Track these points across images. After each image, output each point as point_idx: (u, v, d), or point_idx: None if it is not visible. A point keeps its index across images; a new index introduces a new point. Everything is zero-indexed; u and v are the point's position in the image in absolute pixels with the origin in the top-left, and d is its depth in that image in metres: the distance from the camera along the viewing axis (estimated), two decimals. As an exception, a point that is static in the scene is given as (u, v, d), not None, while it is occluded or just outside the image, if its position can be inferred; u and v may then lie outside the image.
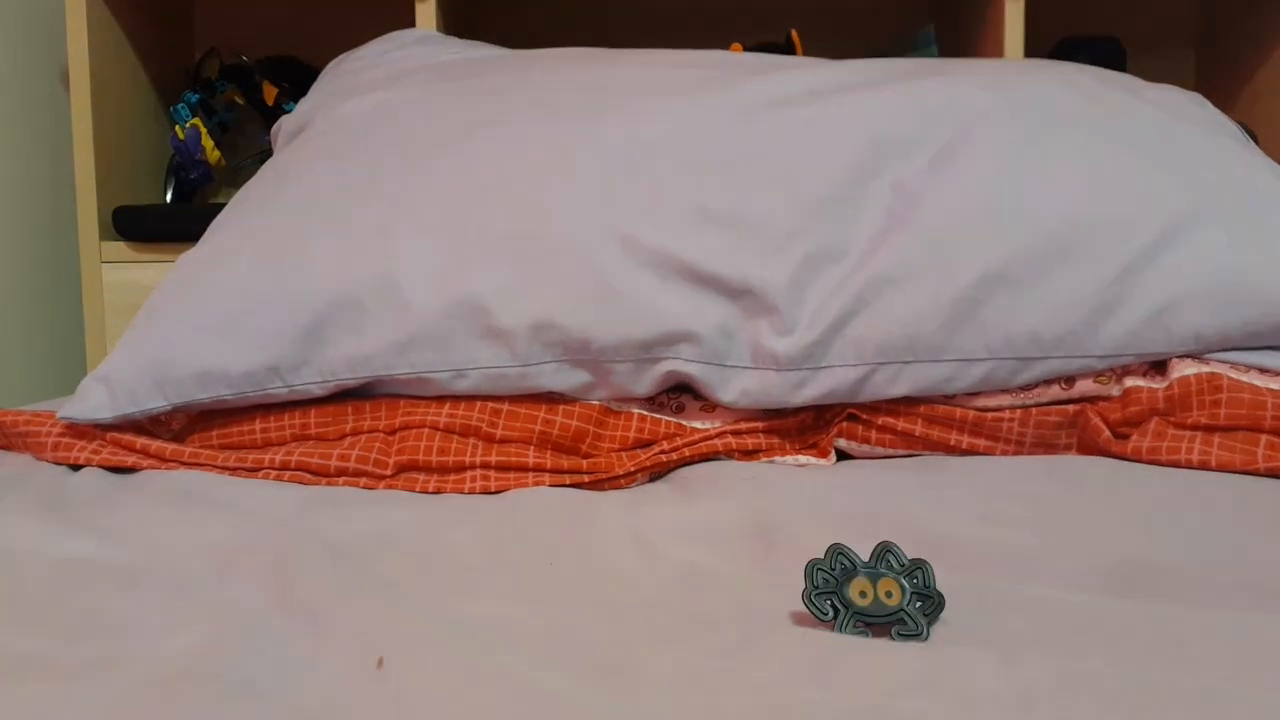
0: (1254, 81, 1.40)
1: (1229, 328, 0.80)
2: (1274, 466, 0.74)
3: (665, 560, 0.62)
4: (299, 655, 0.48)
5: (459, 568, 0.60)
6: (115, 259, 1.36)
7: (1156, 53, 1.54)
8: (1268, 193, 0.86)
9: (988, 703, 0.43)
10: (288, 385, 0.81)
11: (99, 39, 1.35)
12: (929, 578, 0.51)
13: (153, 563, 0.61)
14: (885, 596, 0.50)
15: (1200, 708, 0.42)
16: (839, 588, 0.51)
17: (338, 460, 0.78)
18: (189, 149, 1.41)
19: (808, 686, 0.45)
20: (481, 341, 0.80)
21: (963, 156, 0.85)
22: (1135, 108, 0.91)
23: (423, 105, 0.94)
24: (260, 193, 0.93)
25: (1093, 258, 0.81)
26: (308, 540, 0.64)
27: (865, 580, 0.50)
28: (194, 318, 0.82)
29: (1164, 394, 0.79)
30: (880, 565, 0.51)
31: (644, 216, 0.82)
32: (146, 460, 0.80)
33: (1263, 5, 1.37)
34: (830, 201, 0.83)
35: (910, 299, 0.80)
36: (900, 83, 0.91)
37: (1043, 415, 0.81)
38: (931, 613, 0.50)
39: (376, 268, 0.81)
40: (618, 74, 0.95)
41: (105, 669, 0.47)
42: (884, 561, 0.51)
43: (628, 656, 0.48)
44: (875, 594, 0.50)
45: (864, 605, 0.50)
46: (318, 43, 1.56)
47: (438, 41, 1.15)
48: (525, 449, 0.79)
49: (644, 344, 0.80)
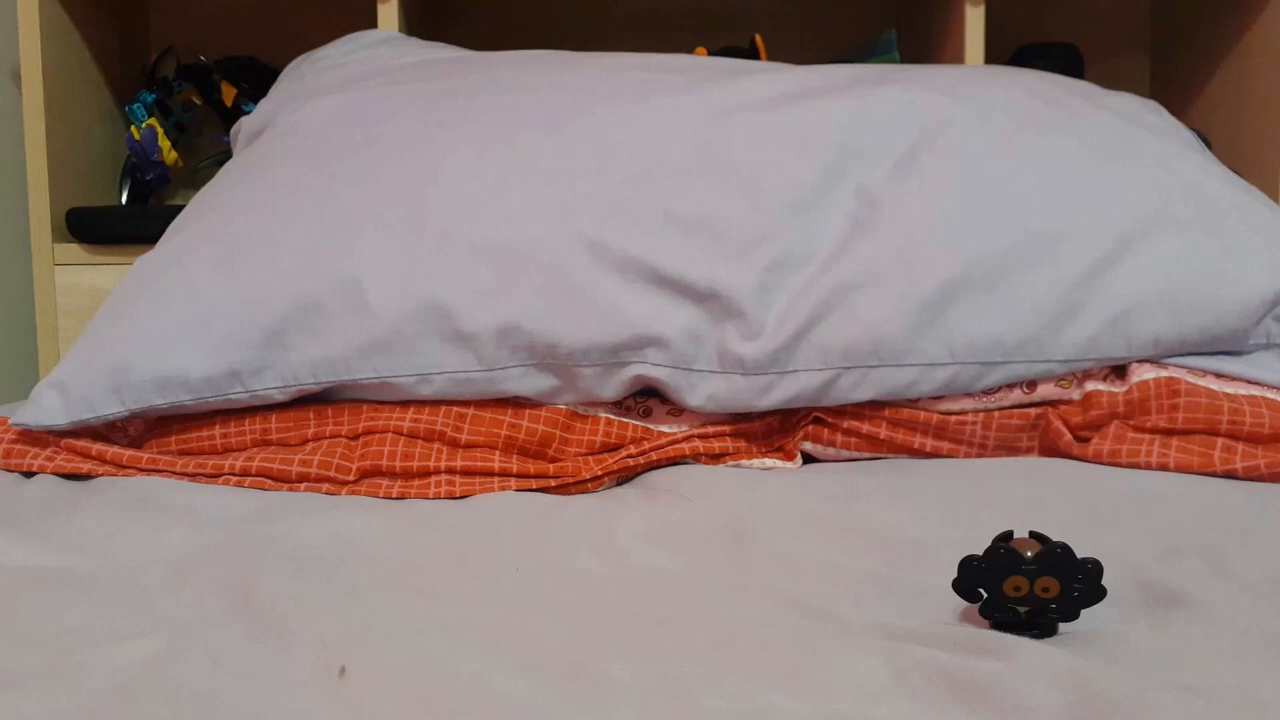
0: (1207, 90, 1.42)
1: (1187, 333, 0.82)
2: (1230, 469, 0.76)
3: (632, 565, 0.62)
4: (259, 665, 0.47)
5: (423, 574, 0.60)
6: (68, 261, 1.33)
7: (1113, 61, 1.56)
8: (1223, 200, 0.88)
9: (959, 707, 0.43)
10: (249, 390, 0.80)
11: (52, 37, 1.32)
12: (1087, 577, 0.49)
13: (108, 571, 0.60)
14: (1043, 592, 0.49)
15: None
16: (997, 576, 0.49)
17: (299, 466, 0.77)
18: (145, 150, 1.39)
19: (776, 692, 0.45)
20: (447, 346, 0.79)
21: (926, 162, 0.86)
22: (1094, 115, 0.93)
23: (385, 107, 0.93)
24: (220, 194, 0.91)
25: (1053, 263, 0.82)
26: (268, 547, 0.63)
27: (1022, 577, 0.49)
28: (152, 321, 0.81)
29: (1124, 398, 0.80)
30: (1047, 562, 0.49)
31: (610, 220, 0.82)
32: (103, 467, 0.79)
33: (1213, 18, 1.40)
34: (795, 206, 0.84)
35: (875, 304, 0.81)
36: (864, 89, 0.91)
37: (1005, 419, 0.82)
38: (1072, 608, 0.49)
39: (339, 271, 0.81)
40: (582, 77, 0.95)
41: (59, 680, 0.46)
42: (1054, 559, 0.49)
43: (595, 662, 0.48)
44: (1032, 589, 0.49)
45: (1015, 598, 0.49)
46: (277, 43, 1.54)
47: (400, 43, 1.14)
48: (491, 454, 0.79)
49: (611, 348, 0.80)
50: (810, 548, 0.64)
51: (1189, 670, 0.46)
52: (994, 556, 0.50)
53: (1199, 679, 0.45)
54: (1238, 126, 1.35)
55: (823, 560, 0.62)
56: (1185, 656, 0.48)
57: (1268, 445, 0.77)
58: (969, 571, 0.50)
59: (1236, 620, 0.51)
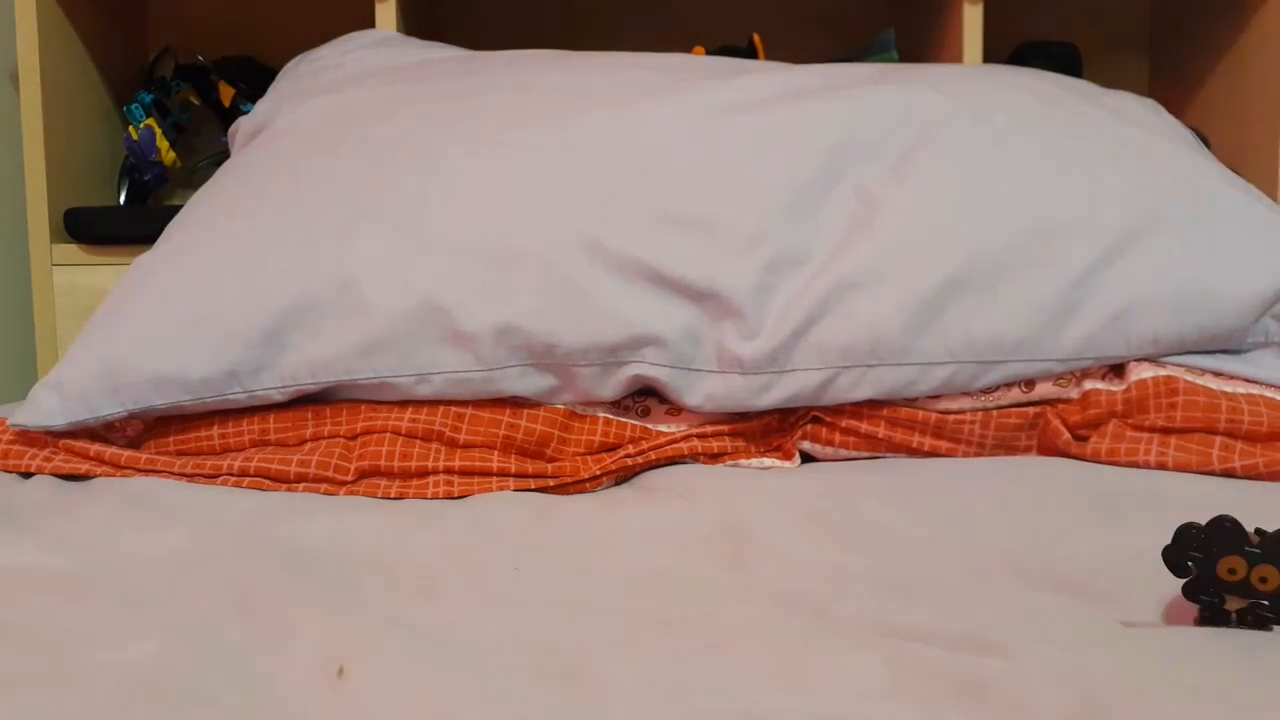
0: (1205, 89, 1.42)
1: (1185, 331, 0.82)
2: (1229, 467, 0.76)
3: (631, 564, 0.62)
4: (257, 665, 0.47)
5: (422, 574, 0.60)
6: (66, 261, 1.33)
7: (1111, 60, 1.56)
8: (1222, 198, 0.88)
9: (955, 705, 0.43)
10: (247, 390, 0.80)
11: (50, 38, 1.32)
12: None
13: (106, 572, 0.60)
14: (1259, 582, 0.47)
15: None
16: (1214, 551, 0.47)
17: (298, 466, 0.77)
18: (143, 150, 1.39)
19: (775, 692, 0.45)
20: (445, 346, 0.79)
21: (924, 161, 0.86)
22: (1093, 114, 0.93)
23: (383, 107, 0.93)
24: (218, 194, 0.91)
25: (1052, 262, 0.82)
26: (266, 547, 0.63)
27: (1241, 559, 0.47)
28: (151, 321, 0.81)
29: (1122, 396, 0.80)
30: (1274, 550, 0.47)
31: (608, 220, 0.82)
32: (101, 467, 0.79)
33: (1211, 17, 1.40)
34: (794, 205, 0.84)
35: (873, 303, 0.81)
36: (862, 88, 0.91)
37: (1003, 418, 0.82)
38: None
39: (337, 270, 0.80)
40: (580, 77, 0.94)
41: (57, 681, 0.46)
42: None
43: (594, 662, 0.48)
44: (1248, 576, 0.47)
45: (1230, 581, 0.47)
46: (275, 43, 1.54)
47: (398, 42, 1.14)
48: (489, 453, 0.79)
49: (610, 348, 0.80)
50: (809, 547, 0.64)
51: (1192, 671, 0.46)
52: (1216, 529, 0.47)
53: (1202, 680, 0.45)
54: (1236, 126, 1.35)
55: (821, 560, 0.62)
56: (1188, 657, 0.48)
57: (1266, 444, 0.77)
58: (1185, 539, 0.47)
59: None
